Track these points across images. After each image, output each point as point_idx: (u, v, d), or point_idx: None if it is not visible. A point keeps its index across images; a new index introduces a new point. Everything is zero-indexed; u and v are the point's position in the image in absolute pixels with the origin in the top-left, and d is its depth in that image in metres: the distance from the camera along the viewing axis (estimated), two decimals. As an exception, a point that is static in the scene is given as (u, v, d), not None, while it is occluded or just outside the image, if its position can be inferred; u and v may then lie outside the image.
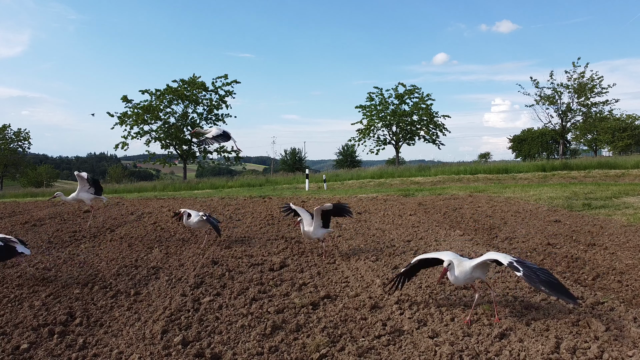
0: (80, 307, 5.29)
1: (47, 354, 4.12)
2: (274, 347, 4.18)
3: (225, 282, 6.25)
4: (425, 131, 49.17)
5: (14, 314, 5.13)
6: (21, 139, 61.77)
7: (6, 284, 6.35)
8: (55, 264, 7.57)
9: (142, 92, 44.08)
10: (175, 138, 44.94)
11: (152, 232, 10.40)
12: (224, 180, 35.61)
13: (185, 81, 44.71)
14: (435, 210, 12.68)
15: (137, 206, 16.16)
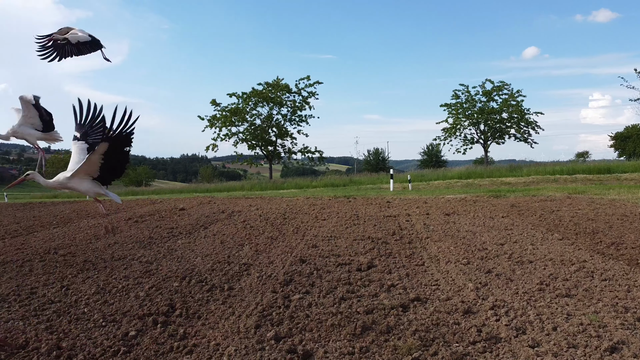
0: (179, 299, 5.59)
1: (152, 341, 4.39)
2: (365, 347, 4.15)
3: (313, 280, 6.32)
4: (515, 129, 46.83)
5: (122, 302, 5.54)
6: (123, 141, 66.89)
7: (114, 275, 6.88)
8: (156, 257, 8.09)
9: (230, 96, 46.02)
10: (261, 139, 46.40)
11: (242, 230, 10.79)
12: (308, 180, 36.19)
13: (269, 84, 46.05)
14: (530, 213, 12.01)
15: (228, 205, 16.86)
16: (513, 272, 6.44)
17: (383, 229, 10.26)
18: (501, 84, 46.15)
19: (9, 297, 5.93)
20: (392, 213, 12.99)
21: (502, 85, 46.20)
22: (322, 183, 33.63)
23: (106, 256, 8.38)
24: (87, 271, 7.29)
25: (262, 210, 14.72)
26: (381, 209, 14.26)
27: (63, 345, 4.31)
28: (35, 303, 5.63)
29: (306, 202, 16.92)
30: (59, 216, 16.00)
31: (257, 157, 48.63)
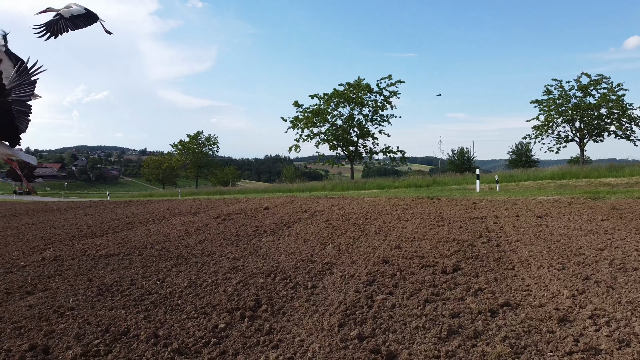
0: (265, 295, 5.75)
1: (240, 335, 4.55)
2: (451, 352, 4.02)
3: (397, 281, 6.24)
4: (616, 126, 43.21)
5: (212, 296, 5.80)
6: (211, 143, 70.25)
7: (205, 270, 7.23)
8: (243, 254, 8.39)
9: (312, 97, 46.73)
10: (343, 140, 46.63)
11: (324, 230, 10.90)
12: (390, 180, 35.80)
13: (350, 84, 46.14)
14: (635, 216, 11.04)
15: (310, 204, 17.12)
16: (615, 280, 5.94)
17: (469, 231, 9.91)
18: (599, 77, 42.74)
19: (112, 287, 6.42)
20: (478, 215, 12.52)
21: (600, 79, 42.79)
22: (405, 183, 33.14)
23: (197, 252, 8.83)
24: (180, 265, 7.72)
25: (344, 210, 14.78)
26: (467, 210, 13.79)
27: (160, 333, 4.58)
28: (135, 294, 6.05)
29: (388, 202, 16.76)
30: (154, 213, 17.11)
31: (339, 158, 48.95)
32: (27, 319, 5.20)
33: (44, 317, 5.25)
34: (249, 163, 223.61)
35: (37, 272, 7.61)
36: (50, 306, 5.63)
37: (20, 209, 24.58)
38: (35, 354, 4.19)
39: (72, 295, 6.10)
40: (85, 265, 8.03)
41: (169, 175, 74.96)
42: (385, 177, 42.35)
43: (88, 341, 4.45)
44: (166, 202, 24.00)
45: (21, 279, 7.15)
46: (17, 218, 18.34)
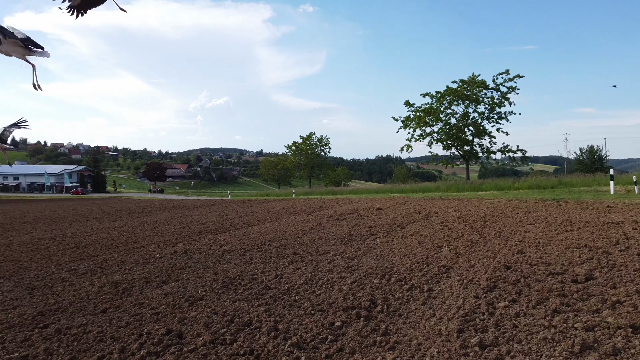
0: (380, 296, 5.73)
1: (356, 333, 4.57)
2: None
3: (520, 289, 5.86)
4: None
5: (327, 294, 5.91)
6: (323, 144, 71.83)
7: (320, 268, 7.39)
8: (357, 254, 8.45)
9: (423, 96, 45.70)
10: (457, 139, 45.02)
11: (439, 232, 10.59)
12: (510, 181, 33.79)
13: (464, 81, 44.32)
14: None
15: (424, 205, 16.76)
16: None
17: (603, 237, 9.01)
18: None
19: (235, 280, 6.82)
20: (614, 219, 11.34)
21: None
22: (526, 184, 31.07)
23: (312, 250, 9.06)
24: (297, 263, 7.98)
25: (460, 212, 14.26)
26: (600, 214, 12.56)
27: (279, 327, 4.77)
28: (256, 288, 6.36)
29: (508, 204, 15.85)
30: (271, 212, 17.91)
31: (453, 158, 47.35)
32: (163, 305, 5.71)
33: (177, 305, 5.72)
34: (360, 163, 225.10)
35: (170, 264, 8.34)
36: (182, 295, 6.13)
37: (155, 206, 27.17)
38: (171, 338, 4.57)
39: (201, 286, 6.59)
40: (211, 259, 8.63)
41: (283, 175, 78.12)
42: (504, 178, 40.04)
43: (215, 329, 4.76)
44: (282, 202, 24.98)
45: (157, 270, 7.88)
46: (152, 214, 20.29)
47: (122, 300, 6.05)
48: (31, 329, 5.07)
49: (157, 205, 27.22)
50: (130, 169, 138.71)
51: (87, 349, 4.45)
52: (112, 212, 22.63)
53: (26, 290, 6.87)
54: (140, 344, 4.48)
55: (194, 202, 29.48)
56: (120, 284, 6.89)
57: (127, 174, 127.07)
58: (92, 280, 7.27)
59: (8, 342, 4.69)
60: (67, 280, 7.41)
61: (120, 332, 4.84)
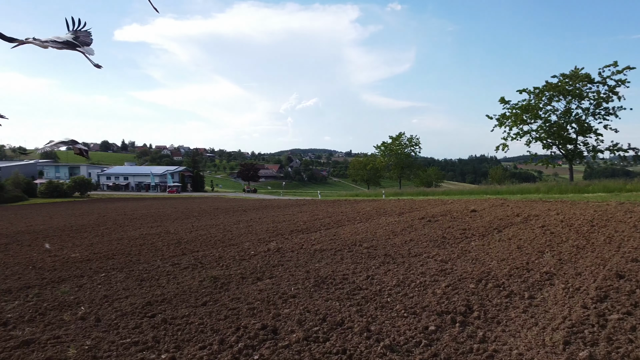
0: (476, 302, 5.49)
1: (451, 339, 4.41)
2: None
3: (636, 300, 5.33)
4: None
5: (420, 297, 5.77)
6: (413, 144, 70.50)
7: (412, 270, 7.25)
8: (450, 257, 8.18)
9: (520, 92, 43.11)
10: (558, 137, 42.11)
11: (540, 236, 9.96)
12: (621, 182, 30.98)
13: (566, 75, 41.17)
14: None
15: (522, 208, 15.87)
16: None
17: None
18: None
19: (327, 279, 6.89)
20: None
21: None
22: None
23: (403, 252, 8.92)
24: (388, 264, 7.89)
25: (564, 215, 13.31)
26: None
27: (372, 328, 4.73)
28: (347, 288, 6.38)
29: (620, 208, 14.53)
30: (361, 212, 17.90)
31: (554, 157, 44.25)
32: (258, 301, 5.91)
33: (271, 301, 5.89)
34: (452, 164, 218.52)
35: (264, 261, 8.61)
36: (276, 292, 6.30)
37: (249, 205, 28.28)
38: (266, 333, 4.71)
39: (293, 284, 6.73)
40: (303, 257, 8.79)
41: (373, 175, 77.77)
42: (614, 179, 36.67)
43: (308, 327, 4.84)
44: (371, 202, 24.90)
45: (252, 266, 8.17)
46: (247, 213, 21.12)
47: (220, 295, 6.34)
48: (141, 317, 5.48)
49: (250, 205, 28.32)
50: (225, 170, 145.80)
51: (189, 338, 4.71)
52: (210, 210, 23.89)
53: (136, 281, 7.44)
54: (237, 337, 4.66)
55: (285, 202, 30.30)
56: (219, 279, 7.23)
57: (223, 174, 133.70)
58: (193, 275, 7.71)
59: (122, 328, 5.10)
60: (171, 273, 7.92)
61: (219, 324, 5.07)
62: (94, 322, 5.38)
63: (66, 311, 5.91)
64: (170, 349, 4.44)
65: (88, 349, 4.53)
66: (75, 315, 5.65)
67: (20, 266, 9.21)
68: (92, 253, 10.44)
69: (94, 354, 4.40)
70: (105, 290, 6.93)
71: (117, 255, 9.98)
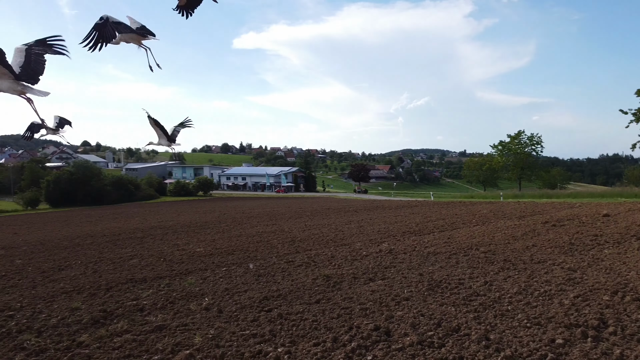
0: (612, 316, 4.95)
1: (582, 355, 4.03)
2: None
3: None
4: None
5: (545, 307, 5.34)
6: (534, 143, 65.78)
7: (535, 278, 6.75)
8: (579, 265, 7.48)
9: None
10: None
11: (690, 245, 8.74)
12: None
13: None
14: None
15: (666, 213, 14.08)
16: None
17: None
18: None
19: (441, 283, 6.66)
20: None
21: None
22: None
23: (525, 258, 8.34)
24: (507, 270, 7.43)
25: None
26: None
27: (491, 337, 4.47)
28: (463, 293, 6.11)
29: None
30: (477, 215, 17.10)
31: None
32: (370, 302, 5.88)
33: (384, 302, 5.83)
34: (580, 164, 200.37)
35: (376, 262, 8.57)
36: (388, 294, 6.23)
37: (359, 205, 28.43)
38: (379, 335, 4.67)
39: (406, 286, 6.61)
40: (416, 260, 8.60)
41: (489, 176, 73.93)
42: None
43: (422, 331, 4.70)
44: (488, 204, 23.74)
45: (364, 267, 8.17)
46: (358, 213, 21.24)
47: (333, 293, 6.43)
48: (258, 311, 5.73)
49: (361, 205, 28.44)
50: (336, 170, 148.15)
51: (304, 334, 4.82)
52: (322, 210, 24.42)
53: (253, 276, 7.82)
54: (350, 336, 4.67)
55: (396, 203, 29.98)
56: (331, 277, 7.34)
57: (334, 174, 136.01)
58: (307, 272, 7.91)
59: (241, 320, 5.38)
60: (286, 270, 8.20)
61: (332, 322, 5.14)
62: (216, 313, 5.74)
63: (192, 301, 6.38)
64: (286, 343, 4.58)
65: (211, 337, 4.84)
66: (200, 306, 6.08)
67: (153, 258, 10.15)
68: (214, 248, 11.18)
69: (216, 343, 4.68)
70: (226, 283, 7.37)
71: (236, 251, 10.58)
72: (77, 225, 20.51)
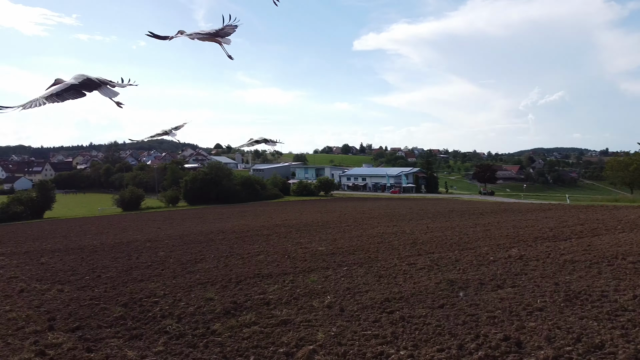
0: None
1: None
2: None
3: None
4: None
5: None
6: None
7: (699, 294, 5.85)
8: None
9: None
10: None
11: None
12: None
13: None
14: None
15: None
16: None
17: None
18: None
19: (580, 295, 6.06)
20: None
21: None
22: None
23: (685, 270, 7.27)
24: (663, 284, 6.54)
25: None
26: None
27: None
28: (607, 307, 5.49)
29: None
30: (624, 221, 15.33)
31: None
32: (499, 310, 5.54)
33: (514, 312, 5.46)
34: None
35: (504, 268, 8.07)
36: (519, 303, 5.82)
37: (485, 208, 27.04)
38: (509, 345, 4.37)
39: (539, 296, 6.12)
40: (550, 268, 7.95)
41: (638, 178, 65.98)
42: None
43: (559, 346, 4.31)
44: (637, 209, 21.22)
45: (491, 273, 7.74)
46: (484, 216, 20.21)
47: (458, 299, 6.17)
48: (379, 312, 5.70)
49: (487, 208, 27.00)
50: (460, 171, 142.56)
51: (427, 339, 4.68)
52: (445, 212, 23.62)
53: (374, 277, 7.80)
54: (477, 344, 4.44)
55: (527, 206, 28.03)
56: (455, 282, 7.06)
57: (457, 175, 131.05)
58: (429, 276, 7.70)
59: (362, 320, 5.39)
60: (408, 272, 8.06)
61: (457, 329, 4.93)
62: (338, 312, 5.82)
63: (315, 298, 6.55)
64: (409, 347, 4.49)
65: (334, 335, 4.91)
66: (322, 303, 6.22)
67: (278, 255, 10.61)
68: (335, 247, 11.38)
69: (339, 341, 4.74)
70: (348, 283, 7.45)
71: (357, 251, 10.65)
72: (211, 222, 22.19)
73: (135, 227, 20.99)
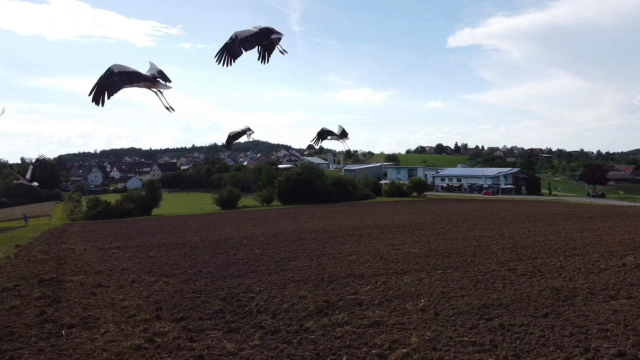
0: None
1: None
2: None
3: None
4: None
5: None
6: None
7: None
8: None
9: None
10: None
11: None
12: None
13: None
14: None
15: None
16: None
17: None
18: None
19: None
20: None
21: None
22: None
23: None
24: None
25: None
26: None
27: None
28: None
29: None
30: None
31: None
32: (612, 323, 5.08)
33: (629, 325, 4.98)
34: None
35: (618, 278, 7.40)
36: (636, 315, 5.31)
37: (595, 211, 24.95)
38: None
39: (661, 309, 5.52)
40: (673, 278, 7.14)
41: None
42: None
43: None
44: None
45: (602, 282, 7.13)
46: (593, 221, 18.67)
47: (564, 308, 5.75)
48: (477, 319, 5.46)
49: (597, 211, 24.88)
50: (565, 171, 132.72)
51: (529, 349, 4.41)
52: (548, 215, 22.13)
53: (471, 282, 7.50)
54: (587, 358, 4.10)
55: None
56: (561, 290, 6.58)
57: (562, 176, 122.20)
58: (532, 283, 7.25)
59: (458, 326, 5.19)
60: (507, 278, 7.65)
61: (563, 341, 4.59)
62: (432, 316, 5.66)
63: (408, 301, 6.42)
64: (509, 356, 4.25)
65: (428, 339, 4.78)
66: (416, 306, 6.09)
67: (370, 256, 10.56)
68: (429, 250, 11.10)
69: (433, 345, 4.60)
70: (442, 286, 7.23)
71: (452, 254, 10.31)
72: (303, 221, 22.66)
73: (233, 225, 21.99)
